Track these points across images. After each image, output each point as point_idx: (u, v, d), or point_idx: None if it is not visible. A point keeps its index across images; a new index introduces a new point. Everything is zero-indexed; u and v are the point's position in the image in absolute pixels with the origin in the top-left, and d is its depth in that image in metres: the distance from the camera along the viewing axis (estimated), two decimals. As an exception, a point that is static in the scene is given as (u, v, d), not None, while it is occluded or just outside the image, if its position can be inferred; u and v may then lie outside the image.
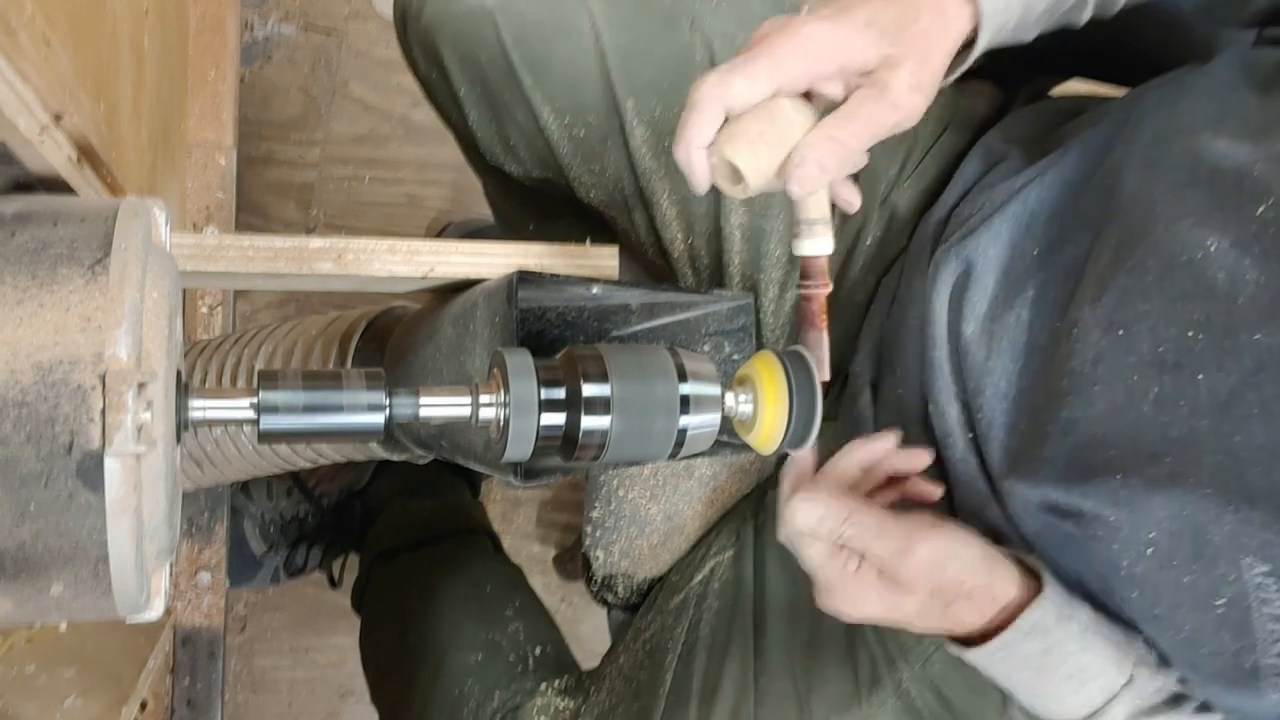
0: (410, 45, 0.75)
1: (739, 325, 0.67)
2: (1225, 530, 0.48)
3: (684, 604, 0.75)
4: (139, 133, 0.71)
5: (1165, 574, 0.51)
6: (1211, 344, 0.49)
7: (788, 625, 0.71)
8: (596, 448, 0.44)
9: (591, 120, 0.71)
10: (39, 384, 0.36)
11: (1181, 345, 0.50)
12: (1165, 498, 0.50)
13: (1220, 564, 0.49)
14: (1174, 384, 0.50)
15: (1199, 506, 0.49)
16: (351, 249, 0.60)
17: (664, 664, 0.72)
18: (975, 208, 0.64)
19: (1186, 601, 0.51)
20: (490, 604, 0.92)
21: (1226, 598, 0.50)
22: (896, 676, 0.67)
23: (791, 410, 0.46)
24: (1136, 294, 0.52)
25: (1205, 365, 0.49)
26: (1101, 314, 0.54)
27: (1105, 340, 0.53)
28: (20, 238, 0.39)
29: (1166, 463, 0.50)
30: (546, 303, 0.64)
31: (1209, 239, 0.50)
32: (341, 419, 0.41)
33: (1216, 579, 0.50)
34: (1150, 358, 0.51)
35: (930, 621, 0.57)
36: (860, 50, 0.51)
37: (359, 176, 1.34)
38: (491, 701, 0.80)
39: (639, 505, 0.77)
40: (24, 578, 0.37)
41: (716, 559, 0.75)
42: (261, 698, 1.34)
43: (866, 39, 0.50)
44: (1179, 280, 0.51)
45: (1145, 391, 0.51)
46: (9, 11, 0.40)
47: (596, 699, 0.75)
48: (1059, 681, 0.56)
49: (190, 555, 1.05)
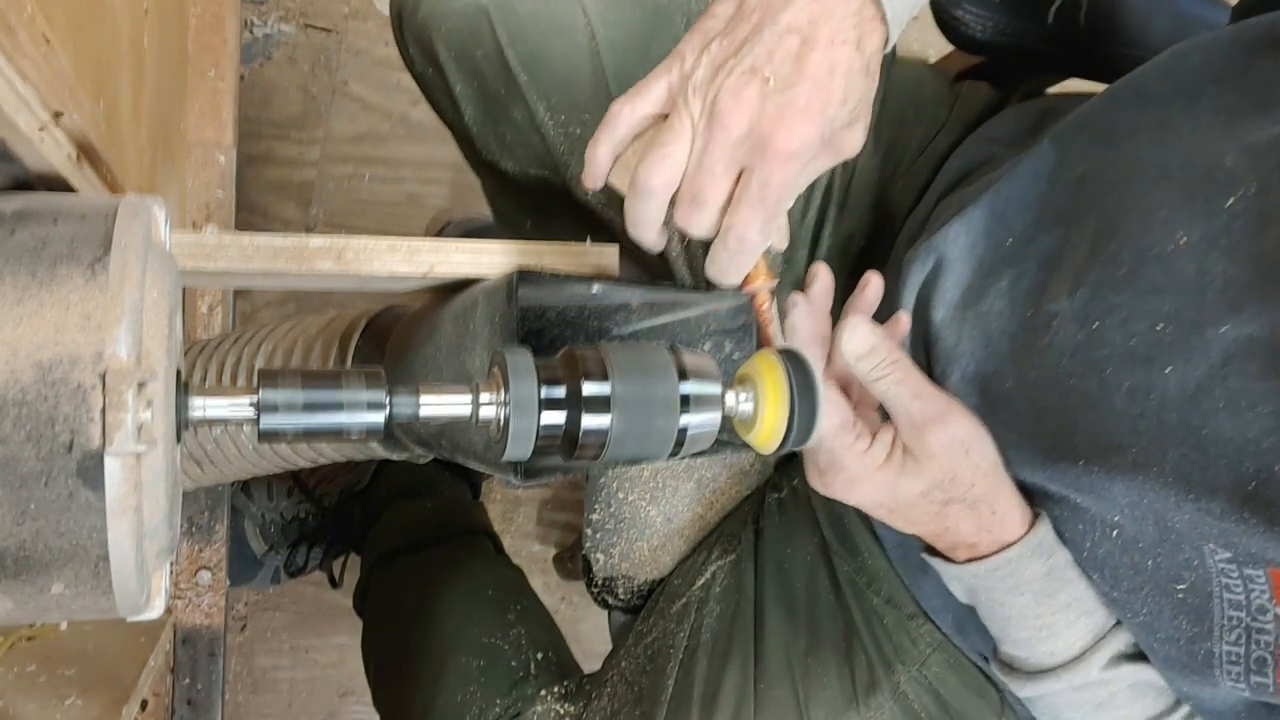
0: (406, 43, 0.75)
1: (739, 324, 0.67)
2: (1185, 518, 0.49)
3: (685, 609, 0.74)
4: (139, 131, 0.71)
5: (1128, 556, 0.52)
6: (1180, 337, 0.49)
7: (787, 630, 0.71)
8: (597, 447, 0.44)
9: (587, 118, 0.71)
10: (39, 383, 0.36)
11: (1151, 338, 0.50)
12: (1125, 485, 0.50)
13: (1184, 548, 0.50)
14: (1144, 376, 0.50)
15: (1158, 496, 0.49)
16: (351, 247, 0.59)
17: (666, 670, 0.72)
18: (952, 204, 0.65)
19: (1147, 585, 0.52)
20: (491, 608, 0.92)
21: (1188, 582, 0.50)
22: (894, 679, 0.67)
23: (792, 409, 0.46)
24: (1109, 287, 0.53)
25: (1173, 358, 0.49)
26: (1077, 307, 0.54)
27: (1081, 334, 0.53)
28: (20, 236, 0.39)
29: (1130, 453, 0.50)
30: (547, 301, 0.64)
31: (1179, 232, 0.50)
32: (341, 418, 0.41)
33: (1180, 563, 0.50)
34: (1122, 350, 0.51)
35: (919, 517, 0.56)
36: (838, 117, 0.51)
37: (359, 175, 1.34)
38: (493, 708, 0.80)
39: (639, 508, 0.77)
40: (24, 577, 0.37)
41: (717, 564, 0.75)
42: (262, 697, 1.34)
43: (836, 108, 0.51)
44: (1149, 274, 0.51)
45: (1118, 385, 0.51)
46: (9, 10, 0.40)
47: (598, 704, 0.75)
48: (1057, 610, 0.55)
49: (190, 555, 1.05)
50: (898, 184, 0.72)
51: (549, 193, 0.78)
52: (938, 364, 0.61)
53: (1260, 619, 0.49)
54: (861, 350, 0.53)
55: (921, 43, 1.52)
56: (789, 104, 0.47)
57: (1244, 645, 0.49)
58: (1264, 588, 0.48)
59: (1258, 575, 0.48)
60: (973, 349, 0.59)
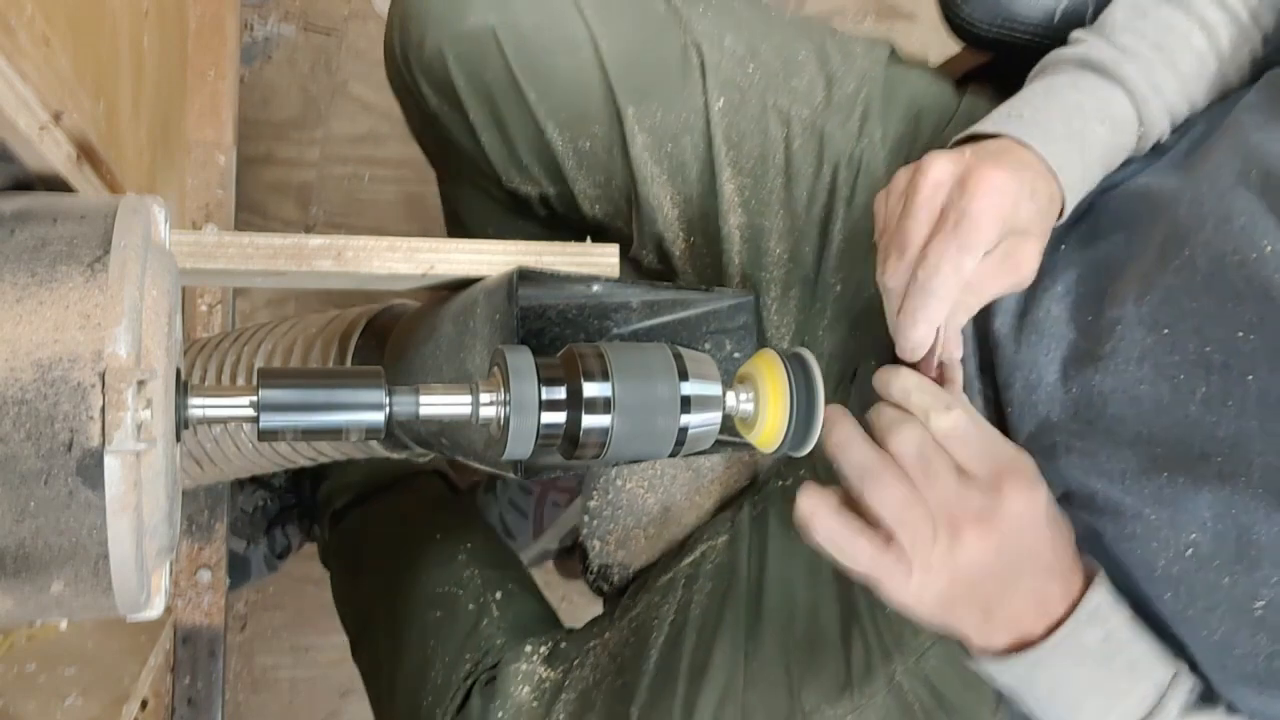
0: (416, 81, 0.75)
1: (740, 323, 0.67)
2: (1274, 531, 0.48)
3: (672, 583, 0.74)
4: (139, 131, 0.71)
5: (1203, 575, 0.51)
6: (1264, 345, 0.49)
7: (785, 613, 0.70)
8: (597, 446, 0.44)
9: (596, 130, 0.72)
10: (38, 382, 0.36)
11: (1230, 346, 0.50)
12: (1212, 497, 0.50)
13: (1264, 565, 0.49)
14: (1221, 384, 0.50)
15: (1246, 507, 0.49)
16: (351, 247, 0.59)
17: (649, 641, 0.72)
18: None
19: (1223, 603, 0.51)
20: (440, 553, 0.89)
21: (1266, 600, 0.49)
22: (890, 669, 0.66)
23: (793, 409, 0.46)
24: (1183, 293, 0.52)
25: (1256, 366, 0.49)
26: (1145, 312, 0.53)
27: (1150, 338, 0.53)
28: (20, 236, 0.39)
29: (1215, 462, 0.50)
30: (547, 301, 0.64)
31: (1263, 241, 0.49)
32: (341, 417, 0.41)
33: (1258, 580, 0.49)
34: (1195, 357, 0.51)
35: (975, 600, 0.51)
36: (1023, 213, 0.53)
37: (358, 176, 1.34)
38: (463, 664, 0.78)
39: (636, 495, 0.77)
40: (24, 576, 0.37)
41: (709, 543, 0.75)
42: (262, 696, 1.33)
43: (1024, 196, 0.53)
44: (1231, 280, 0.50)
45: (1192, 390, 0.51)
46: (9, 11, 0.40)
47: (580, 674, 0.74)
48: (1118, 674, 0.51)
49: (190, 554, 1.05)
50: None
51: (554, 214, 0.79)
52: (1001, 372, 0.60)
53: None
54: (905, 389, 0.53)
55: (921, 43, 1.52)
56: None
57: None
58: None
59: None
60: (1033, 356, 0.59)
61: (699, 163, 0.72)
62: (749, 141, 0.72)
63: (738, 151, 0.72)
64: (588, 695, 0.72)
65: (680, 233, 0.74)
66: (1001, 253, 0.52)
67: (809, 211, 0.73)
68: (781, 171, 0.72)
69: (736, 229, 0.72)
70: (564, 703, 0.72)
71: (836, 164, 0.72)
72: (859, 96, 0.73)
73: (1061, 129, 0.57)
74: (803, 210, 0.72)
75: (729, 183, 0.71)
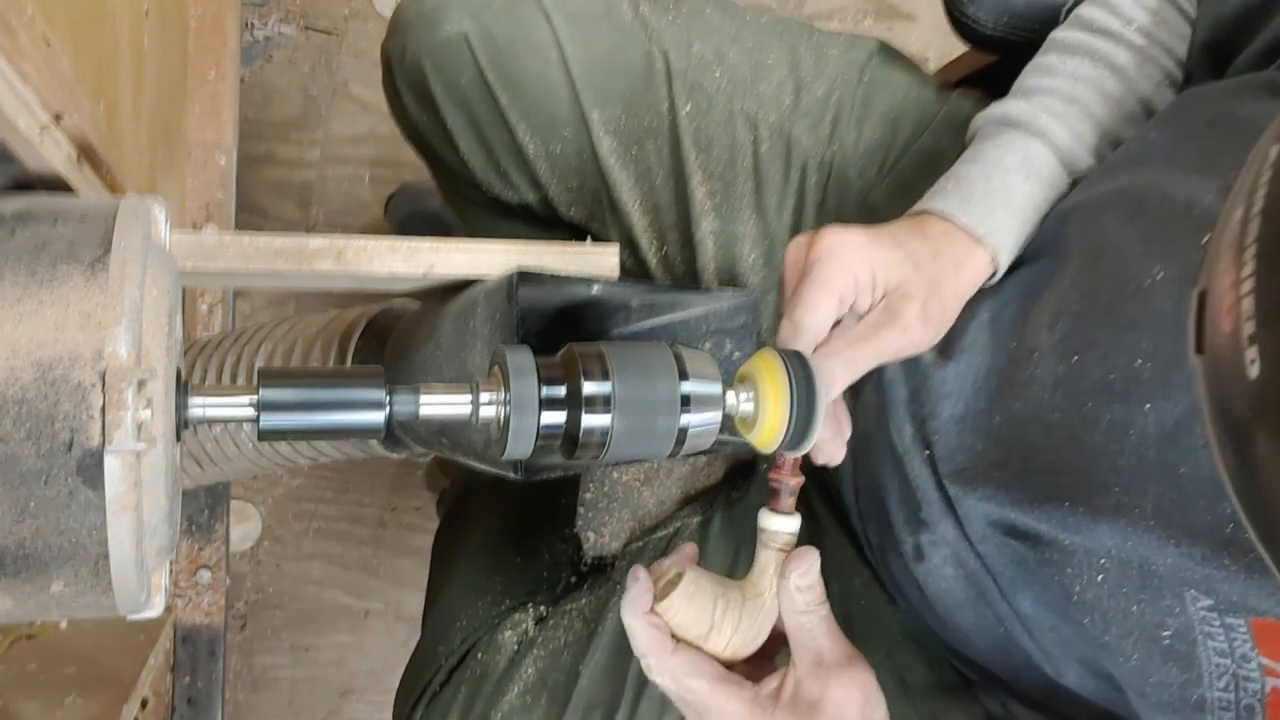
0: (401, 93, 0.77)
1: (740, 323, 0.67)
2: (1168, 563, 0.48)
3: (642, 550, 0.74)
4: (139, 132, 0.72)
5: (1115, 601, 0.51)
6: (1158, 374, 0.49)
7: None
8: (597, 446, 0.44)
9: (566, 134, 0.73)
10: (39, 381, 0.36)
11: (1130, 374, 0.50)
12: (1110, 528, 0.50)
13: (1165, 595, 0.49)
14: (1124, 412, 0.50)
15: (1142, 539, 0.49)
16: (351, 247, 0.60)
17: (609, 605, 0.71)
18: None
19: (1135, 630, 0.51)
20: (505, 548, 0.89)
21: (1172, 629, 0.49)
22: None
23: (793, 408, 0.46)
24: (1089, 321, 0.52)
25: (1152, 395, 0.49)
26: (1057, 340, 0.54)
27: (1062, 367, 0.53)
28: (20, 236, 0.39)
29: (1114, 493, 0.50)
30: (547, 301, 0.64)
31: (1155, 267, 0.50)
32: (341, 417, 0.41)
33: (1162, 610, 0.50)
34: (1102, 385, 0.51)
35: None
36: (887, 269, 0.53)
37: (358, 176, 1.34)
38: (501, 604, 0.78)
39: (632, 488, 0.77)
40: (24, 575, 0.37)
41: (684, 520, 0.75)
42: (262, 696, 1.34)
43: (895, 258, 0.53)
44: (1128, 308, 0.51)
45: (1098, 420, 0.51)
46: (9, 11, 0.40)
47: (553, 634, 0.74)
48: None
49: (190, 553, 1.05)
50: (880, 184, 0.72)
51: (543, 219, 0.79)
52: (926, 403, 0.60)
53: (1245, 666, 0.48)
54: (807, 582, 0.52)
55: (921, 44, 1.52)
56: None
57: (1233, 692, 0.49)
58: (1245, 636, 0.48)
59: (1239, 624, 0.48)
60: (960, 386, 0.59)
61: (664, 168, 0.73)
62: (717, 146, 0.72)
63: (707, 156, 0.72)
64: (557, 654, 0.72)
65: (653, 238, 0.75)
66: (881, 308, 0.53)
67: (780, 216, 0.73)
68: (751, 176, 0.72)
69: (710, 234, 0.72)
70: (533, 658, 0.72)
71: (804, 168, 0.72)
72: (830, 101, 0.73)
73: (981, 190, 0.57)
74: (774, 215, 0.73)
75: (700, 187, 0.72)
